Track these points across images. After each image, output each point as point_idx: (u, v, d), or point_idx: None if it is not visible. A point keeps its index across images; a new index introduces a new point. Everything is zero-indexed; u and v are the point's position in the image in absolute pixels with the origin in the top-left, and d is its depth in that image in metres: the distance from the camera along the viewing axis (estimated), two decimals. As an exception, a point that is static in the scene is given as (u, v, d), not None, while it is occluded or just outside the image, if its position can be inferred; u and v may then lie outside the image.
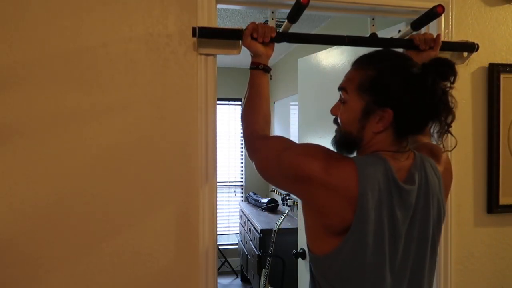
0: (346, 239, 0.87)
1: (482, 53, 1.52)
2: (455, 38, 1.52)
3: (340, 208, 0.87)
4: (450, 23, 1.52)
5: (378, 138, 0.93)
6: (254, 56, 1.20)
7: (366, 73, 0.94)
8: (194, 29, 1.22)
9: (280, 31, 1.26)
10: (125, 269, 1.29)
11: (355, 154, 1.01)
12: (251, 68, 1.19)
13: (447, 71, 0.90)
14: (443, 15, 1.34)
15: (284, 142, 1.03)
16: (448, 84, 0.91)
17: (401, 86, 0.89)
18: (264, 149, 1.04)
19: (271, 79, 1.26)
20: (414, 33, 1.38)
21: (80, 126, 1.25)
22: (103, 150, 1.27)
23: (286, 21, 1.24)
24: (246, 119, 1.15)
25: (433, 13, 1.27)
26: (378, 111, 0.91)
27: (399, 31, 1.47)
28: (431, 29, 1.49)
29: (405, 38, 1.39)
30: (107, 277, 1.28)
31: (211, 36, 1.26)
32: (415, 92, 0.88)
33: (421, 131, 0.96)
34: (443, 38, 1.50)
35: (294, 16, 1.19)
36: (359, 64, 0.99)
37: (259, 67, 1.17)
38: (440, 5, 1.26)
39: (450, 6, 1.51)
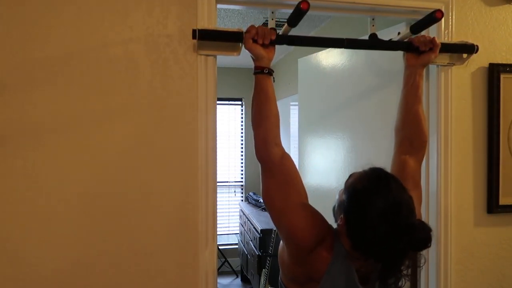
0: None
1: (482, 53, 1.52)
2: (455, 38, 1.52)
3: (305, 272, 1.05)
4: (450, 23, 1.52)
5: (342, 232, 1.03)
6: (256, 59, 1.19)
7: (351, 177, 1.06)
8: (194, 31, 1.22)
9: (280, 33, 1.26)
10: (125, 269, 1.29)
11: None
12: (255, 73, 1.18)
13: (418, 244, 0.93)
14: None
15: (294, 185, 1.10)
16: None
17: (356, 206, 0.98)
18: (275, 180, 1.10)
19: (274, 81, 1.27)
20: (413, 36, 1.38)
21: (80, 126, 1.25)
22: (103, 150, 1.27)
23: (286, 24, 1.25)
24: (258, 125, 1.15)
25: (432, 18, 1.28)
26: (342, 214, 1.03)
27: (399, 33, 1.47)
28: (431, 28, 1.49)
29: (404, 40, 1.39)
30: (107, 277, 1.28)
31: (211, 38, 1.26)
32: (361, 222, 0.96)
33: (370, 258, 0.98)
34: (443, 39, 1.50)
35: (294, 20, 1.20)
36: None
37: (264, 71, 1.17)
38: (439, 10, 1.26)
39: (450, 6, 1.51)
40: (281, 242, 1.14)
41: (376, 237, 0.93)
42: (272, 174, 1.11)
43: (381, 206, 0.94)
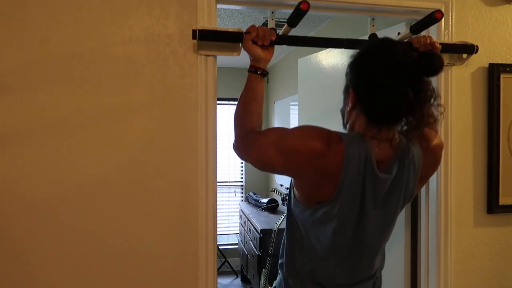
0: (321, 206, 1.01)
1: (482, 53, 1.52)
2: (455, 38, 1.52)
3: (326, 186, 0.99)
4: (450, 23, 1.52)
5: (353, 118, 1.01)
6: (253, 60, 1.20)
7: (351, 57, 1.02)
8: (194, 31, 1.22)
9: (280, 34, 1.26)
10: (125, 269, 1.29)
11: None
12: (249, 71, 1.18)
13: (430, 68, 0.91)
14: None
15: (279, 130, 1.07)
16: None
17: (363, 69, 0.96)
18: (261, 140, 1.07)
19: (267, 82, 1.27)
20: (413, 36, 1.38)
21: (80, 126, 1.25)
22: (103, 150, 1.27)
23: (286, 24, 1.25)
24: (240, 120, 1.15)
25: (432, 19, 1.28)
26: (349, 90, 1.01)
27: (399, 33, 1.47)
28: (431, 28, 1.49)
29: (404, 40, 1.39)
30: (107, 277, 1.28)
31: (211, 39, 1.26)
32: (373, 79, 0.93)
33: (390, 121, 0.96)
34: (443, 39, 1.50)
35: (294, 21, 1.20)
36: None
37: (258, 72, 1.17)
38: (439, 11, 1.26)
39: (450, 6, 1.51)
40: (292, 181, 1.09)
41: (391, 83, 0.89)
42: (255, 141, 1.08)
43: (389, 57, 0.91)
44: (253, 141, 1.10)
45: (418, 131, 0.97)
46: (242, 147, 1.14)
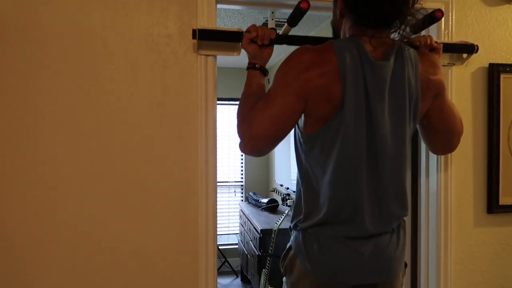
0: (333, 117, 0.98)
1: (482, 53, 1.52)
2: (455, 38, 1.52)
3: (332, 89, 0.97)
4: (450, 23, 1.52)
5: (344, 26, 1.05)
6: (251, 58, 1.20)
7: None
8: (194, 31, 1.22)
9: (280, 33, 1.26)
10: (125, 269, 1.29)
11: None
12: (248, 68, 1.18)
13: None
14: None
15: (273, 81, 1.05)
16: None
17: None
18: (259, 105, 1.04)
19: (268, 82, 1.26)
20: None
21: (79, 126, 1.25)
22: (103, 150, 1.27)
23: (286, 24, 1.25)
24: (243, 117, 1.10)
25: (432, 18, 1.27)
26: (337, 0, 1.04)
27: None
28: (431, 28, 1.49)
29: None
30: (107, 277, 1.28)
31: (211, 38, 1.26)
32: None
33: (377, 24, 0.99)
34: (443, 39, 1.50)
35: (294, 20, 1.20)
36: None
37: (256, 66, 1.17)
38: (439, 10, 1.26)
39: (450, 6, 1.51)
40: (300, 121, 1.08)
41: None
42: (252, 120, 1.04)
43: None
44: (252, 114, 1.04)
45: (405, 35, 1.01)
46: (245, 133, 1.05)
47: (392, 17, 0.97)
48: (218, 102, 1.38)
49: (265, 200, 4.20)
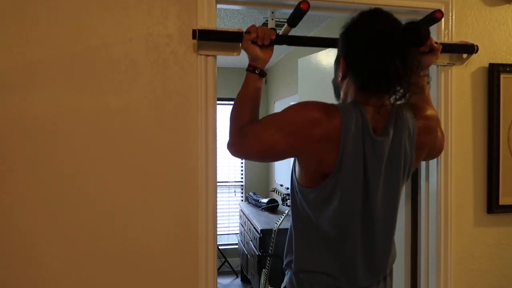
0: (328, 180, 1.00)
1: (482, 53, 1.52)
2: (455, 38, 1.52)
3: (328, 154, 0.99)
4: (450, 23, 1.52)
5: (345, 88, 1.05)
6: (252, 59, 1.19)
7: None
8: (194, 31, 1.22)
9: (280, 34, 1.26)
10: (125, 269, 1.29)
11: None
12: (247, 70, 1.18)
13: (415, 38, 0.93)
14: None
15: (273, 113, 1.07)
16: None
17: (353, 38, 0.98)
18: (257, 127, 1.06)
19: (265, 83, 1.26)
20: None
21: (80, 126, 1.25)
22: (103, 150, 1.27)
23: (286, 24, 1.25)
24: (235, 119, 1.13)
25: (432, 18, 1.27)
26: (340, 60, 1.04)
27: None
28: (431, 28, 1.49)
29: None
30: (107, 276, 1.28)
31: (211, 39, 1.26)
32: (362, 47, 0.95)
33: (378, 88, 0.98)
34: (443, 39, 1.50)
35: (294, 21, 1.20)
36: None
37: (256, 71, 1.17)
38: (439, 11, 1.26)
39: (450, 6, 1.51)
40: (294, 162, 1.09)
41: (379, 50, 0.92)
42: (251, 131, 1.06)
43: (378, 26, 0.94)
44: (248, 131, 1.07)
45: (407, 100, 1.00)
46: (236, 140, 1.10)
47: (396, 84, 0.96)
48: (218, 102, 1.37)
49: (265, 200, 4.20)
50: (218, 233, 1.56)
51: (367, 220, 1.05)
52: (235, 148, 1.11)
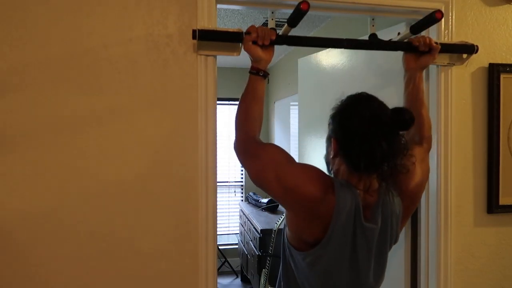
0: (314, 250, 1.04)
1: (482, 53, 1.52)
2: (455, 38, 1.52)
3: (315, 227, 1.03)
4: (450, 23, 1.52)
5: (337, 166, 1.08)
6: (254, 61, 1.20)
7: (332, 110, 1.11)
8: (194, 31, 1.22)
9: (280, 34, 1.26)
10: (125, 269, 1.29)
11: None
12: (250, 72, 1.19)
13: (401, 125, 0.99)
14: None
15: (282, 154, 1.10)
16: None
17: (343, 121, 1.04)
18: (263, 158, 1.09)
19: (268, 83, 1.28)
20: (413, 36, 1.38)
21: (80, 126, 1.25)
22: (103, 150, 1.27)
23: (286, 24, 1.25)
24: (242, 123, 1.17)
25: (432, 19, 1.28)
26: (331, 139, 1.08)
27: (399, 33, 1.47)
28: (431, 28, 1.49)
29: (404, 40, 1.39)
30: (107, 277, 1.28)
31: (211, 39, 1.26)
32: (352, 131, 1.01)
33: (367, 169, 1.02)
34: (443, 39, 1.50)
35: (294, 21, 1.20)
36: None
37: (259, 74, 1.18)
38: (439, 11, 1.27)
39: (450, 6, 1.51)
40: (285, 214, 1.13)
41: (367, 134, 0.97)
42: (257, 155, 1.10)
43: (366, 111, 1.00)
44: (254, 154, 1.11)
45: (394, 178, 1.05)
46: (242, 153, 1.15)
47: (382, 165, 1.00)
48: (218, 102, 1.37)
49: (265, 200, 4.20)
50: (218, 233, 1.56)
51: (352, 284, 1.09)
52: (239, 156, 1.16)
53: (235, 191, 5.23)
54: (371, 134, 0.97)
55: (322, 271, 1.07)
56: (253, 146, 1.13)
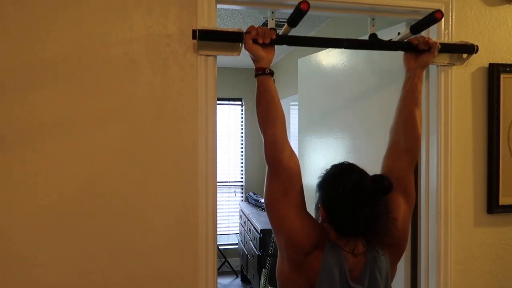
0: None
1: (482, 53, 1.52)
2: (455, 38, 1.52)
3: (300, 282, 1.09)
4: (450, 23, 1.52)
5: (327, 229, 1.11)
6: (256, 60, 1.20)
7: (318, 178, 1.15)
8: (194, 31, 1.22)
9: (280, 33, 1.26)
10: (125, 269, 1.29)
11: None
12: (257, 75, 1.18)
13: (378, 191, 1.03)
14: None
15: (299, 193, 1.13)
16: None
17: (328, 190, 1.09)
18: (281, 182, 1.12)
19: (274, 82, 1.28)
20: (413, 36, 1.38)
21: (80, 126, 1.25)
22: (103, 151, 1.27)
23: (286, 24, 1.25)
24: (266, 127, 1.16)
25: (432, 19, 1.28)
26: (319, 206, 1.13)
27: (399, 33, 1.47)
28: (431, 28, 1.49)
29: (404, 40, 1.39)
30: (107, 277, 1.28)
31: (211, 39, 1.26)
32: (336, 199, 1.06)
33: (353, 233, 1.08)
34: (443, 39, 1.50)
35: (294, 21, 1.20)
36: None
37: (266, 72, 1.17)
38: (439, 11, 1.27)
39: (450, 6, 1.51)
40: (278, 256, 1.17)
41: (351, 202, 1.03)
42: (278, 175, 1.12)
43: (348, 181, 1.05)
44: (278, 173, 1.13)
45: (378, 239, 1.09)
46: (272, 159, 1.14)
47: (366, 229, 1.05)
48: (218, 102, 1.37)
49: (265, 200, 4.20)
50: (218, 233, 1.56)
51: None
52: (268, 160, 1.16)
53: (235, 191, 5.23)
54: (354, 202, 1.03)
55: None
56: (278, 160, 1.13)
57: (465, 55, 1.50)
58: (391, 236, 1.10)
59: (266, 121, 1.16)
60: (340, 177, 1.09)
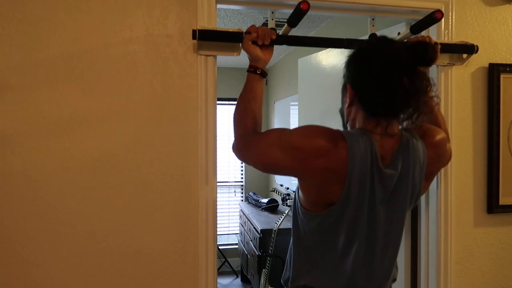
0: (332, 209, 1.00)
1: (482, 53, 1.52)
2: (455, 38, 1.52)
3: (332, 185, 0.98)
4: (450, 23, 1.52)
5: (353, 114, 1.03)
6: (252, 60, 1.20)
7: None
8: (194, 31, 1.22)
9: (280, 34, 1.26)
10: (125, 269, 1.29)
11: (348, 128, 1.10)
12: (248, 71, 1.19)
13: (423, 56, 0.94)
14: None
15: (281, 129, 1.06)
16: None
17: (359, 64, 0.99)
18: (262, 141, 1.06)
19: (266, 83, 1.27)
20: (413, 36, 1.38)
21: (80, 126, 1.25)
22: (103, 151, 1.27)
23: (286, 24, 1.25)
24: (240, 120, 1.15)
25: (432, 19, 1.28)
26: (347, 87, 1.03)
27: (399, 33, 1.47)
28: (431, 28, 1.49)
29: (404, 40, 1.39)
30: (107, 277, 1.28)
31: (211, 39, 1.26)
32: (369, 71, 0.95)
33: (388, 114, 0.97)
34: (443, 39, 1.50)
35: (294, 21, 1.20)
36: None
37: (257, 72, 1.17)
38: (439, 11, 1.27)
39: (450, 6, 1.51)
40: (298, 184, 1.07)
41: (386, 72, 0.91)
42: (258, 142, 1.07)
43: (383, 50, 0.94)
44: (254, 142, 1.08)
45: (418, 124, 0.99)
46: (242, 147, 1.12)
47: (404, 105, 0.95)
48: (218, 102, 1.38)
49: (265, 200, 4.20)
50: (218, 233, 1.56)
51: (370, 247, 1.04)
52: (239, 153, 1.13)
53: (235, 191, 5.24)
54: (389, 72, 0.91)
55: (341, 231, 1.02)
56: (254, 137, 1.09)
57: (465, 55, 1.51)
58: (432, 128, 1.01)
59: (242, 117, 1.14)
60: (372, 48, 0.98)
